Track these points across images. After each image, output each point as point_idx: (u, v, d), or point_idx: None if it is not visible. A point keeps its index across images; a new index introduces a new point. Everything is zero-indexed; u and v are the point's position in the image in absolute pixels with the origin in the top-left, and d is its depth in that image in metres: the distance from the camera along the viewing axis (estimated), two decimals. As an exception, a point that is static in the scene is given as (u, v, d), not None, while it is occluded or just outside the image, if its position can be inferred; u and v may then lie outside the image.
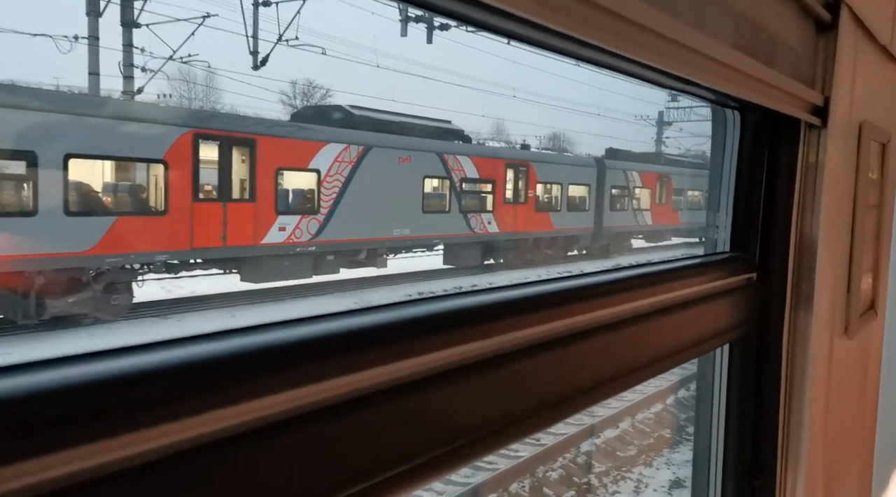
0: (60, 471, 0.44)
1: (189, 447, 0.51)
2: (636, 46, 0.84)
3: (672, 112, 48.22)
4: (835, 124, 1.51)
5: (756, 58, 1.15)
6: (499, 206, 26.60)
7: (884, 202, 2.01)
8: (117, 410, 0.47)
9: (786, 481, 1.57)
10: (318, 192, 19.59)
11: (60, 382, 0.46)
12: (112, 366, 0.49)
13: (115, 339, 13.14)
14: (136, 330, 15.04)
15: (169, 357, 0.52)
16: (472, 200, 25.91)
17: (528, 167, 28.03)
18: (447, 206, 24.37)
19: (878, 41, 1.70)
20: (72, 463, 0.44)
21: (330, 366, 0.61)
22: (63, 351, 0.51)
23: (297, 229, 19.03)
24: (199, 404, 0.52)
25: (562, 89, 54.06)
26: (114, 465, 0.46)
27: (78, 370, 0.48)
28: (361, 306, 0.72)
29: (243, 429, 0.54)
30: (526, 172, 28.01)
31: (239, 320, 14.84)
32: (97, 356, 0.50)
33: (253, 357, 0.57)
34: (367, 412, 0.65)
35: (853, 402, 2.01)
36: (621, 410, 11.55)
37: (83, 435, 0.45)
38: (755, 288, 1.52)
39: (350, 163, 20.29)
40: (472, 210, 25.59)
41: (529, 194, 28.32)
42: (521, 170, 27.79)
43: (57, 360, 0.48)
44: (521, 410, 0.84)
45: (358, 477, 0.64)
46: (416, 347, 0.69)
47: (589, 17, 0.74)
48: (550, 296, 0.92)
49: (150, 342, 0.54)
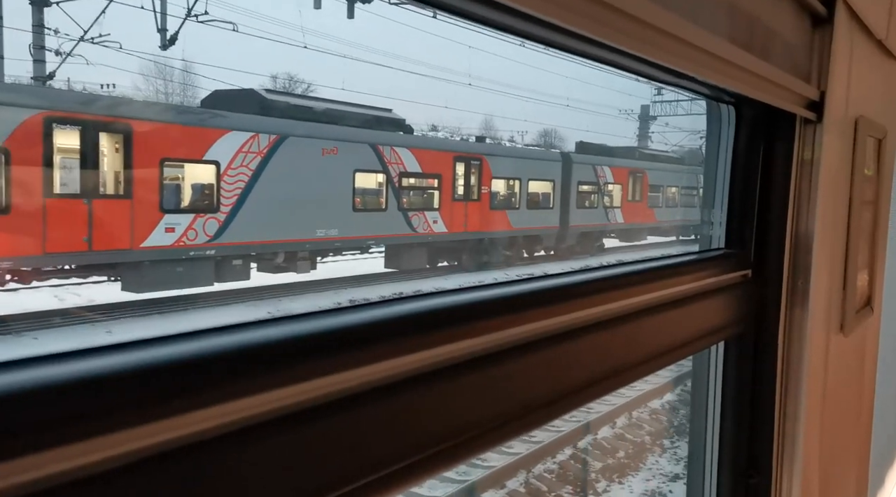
0: (35, 474, 0.43)
1: (171, 448, 0.50)
2: (630, 39, 0.83)
3: (657, 106, 46.83)
4: (830, 119, 1.52)
5: (751, 52, 1.15)
6: (446, 204, 24.18)
7: (880, 198, 2.02)
8: (96, 412, 0.46)
9: (781, 478, 1.58)
10: (218, 186, 17.05)
11: (33, 383, 0.44)
12: (90, 366, 0.48)
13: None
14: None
15: (149, 356, 0.51)
16: (414, 197, 23.51)
17: (481, 161, 25.62)
18: (383, 204, 21.92)
19: (874, 36, 1.72)
20: (47, 466, 0.43)
21: (315, 365, 0.61)
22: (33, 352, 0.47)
23: (189, 230, 16.50)
24: (181, 405, 0.51)
25: (539, 81, 51.95)
26: (93, 468, 0.45)
27: (53, 371, 0.46)
28: (347, 304, 0.71)
29: (226, 430, 0.54)
30: (479, 167, 25.60)
31: (113, 337, 12.58)
32: (74, 356, 0.48)
33: (236, 357, 0.56)
34: (354, 412, 0.64)
35: (849, 398, 2.02)
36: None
37: (61, 437, 0.44)
38: (751, 285, 1.53)
39: (259, 154, 17.76)
40: (415, 208, 23.18)
41: (483, 191, 25.95)
42: (474, 164, 25.38)
43: (31, 359, 0.47)
44: (512, 410, 0.83)
45: (345, 478, 0.63)
46: (403, 346, 0.68)
47: (582, 9, 0.74)
48: (541, 293, 0.91)
49: (130, 341, 0.53)
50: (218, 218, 17.05)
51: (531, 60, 35.76)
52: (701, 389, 1.60)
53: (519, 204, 27.73)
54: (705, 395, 1.58)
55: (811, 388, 1.56)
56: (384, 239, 22.34)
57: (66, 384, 0.45)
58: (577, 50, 0.86)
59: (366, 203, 21.54)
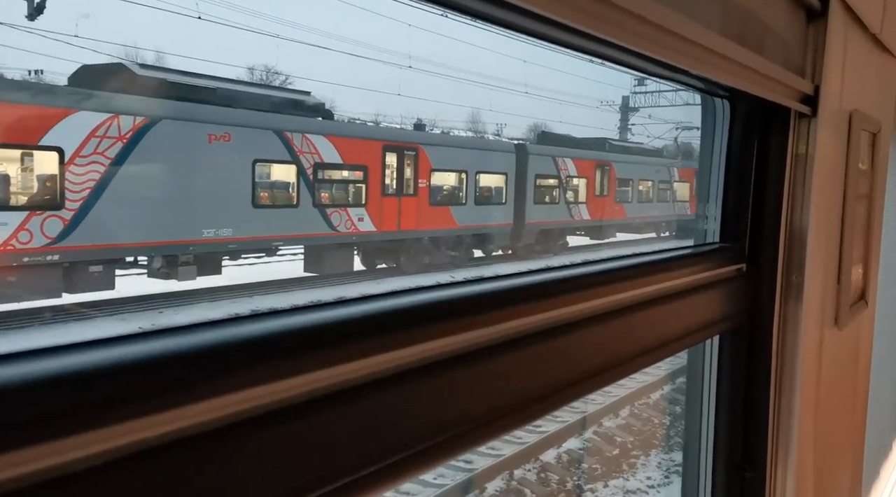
0: (29, 468, 0.43)
1: (168, 441, 0.50)
2: (624, 33, 0.83)
3: (639, 97, 44.54)
4: (825, 114, 1.52)
5: (746, 46, 1.15)
6: (374, 199, 21.35)
7: (874, 192, 2.02)
8: (91, 406, 0.46)
9: (776, 472, 1.58)
10: (62, 178, 14.09)
11: (26, 378, 0.44)
12: (85, 359, 0.48)
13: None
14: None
15: (141, 350, 0.51)
16: (336, 192, 20.67)
17: (417, 151, 22.79)
18: (294, 200, 19.05)
19: (868, 30, 1.72)
20: (41, 460, 0.43)
21: (313, 358, 0.60)
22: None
23: (21, 230, 13.56)
24: (174, 399, 0.51)
25: (502, 68, 48.39)
26: (87, 461, 0.46)
27: (46, 365, 0.46)
28: (341, 299, 0.70)
29: (224, 422, 0.54)
30: (415, 158, 22.79)
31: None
32: (71, 350, 0.48)
33: (232, 350, 0.56)
34: (349, 406, 0.64)
35: (844, 392, 2.02)
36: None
37: (55, 431, 0.44)
38: (745, 279, 1.53)
39: (121, 139, 14.82)
40: (335, 204, 20.34)
41: (421, 184, 23.14)
42: (408, 154, 22.55)
43: (25, 353, 0.46)
44: (508, 403, 0.83)
45: (341, 471, 0.63)
46: (399, 340, 0.68)
47: (577, 4, 0.73)
48: (537, 287, 0.91)
49: (126, 335, 0.52)
50: (62, 216, 14.09)
51: (494, 45, 33.09)
52: (696, 383, 1.60)
53: (466, 199, 24.97)
54: (700, 389, 1.58)
55: (806, 381, 1.56)
56: (295, 239, 19.48)
57: (61, 378, 0.45)
58: (570, 44, 0.86)
59: (271, 198, 18.68)
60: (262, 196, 18.20)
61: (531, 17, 0.72)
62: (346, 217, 20.57)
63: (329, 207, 20.04)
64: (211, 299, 17.10)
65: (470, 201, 25.13)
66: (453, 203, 24.54)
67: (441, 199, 24.19)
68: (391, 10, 36.76)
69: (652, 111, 44.32)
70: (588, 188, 30.93)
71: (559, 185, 29.35)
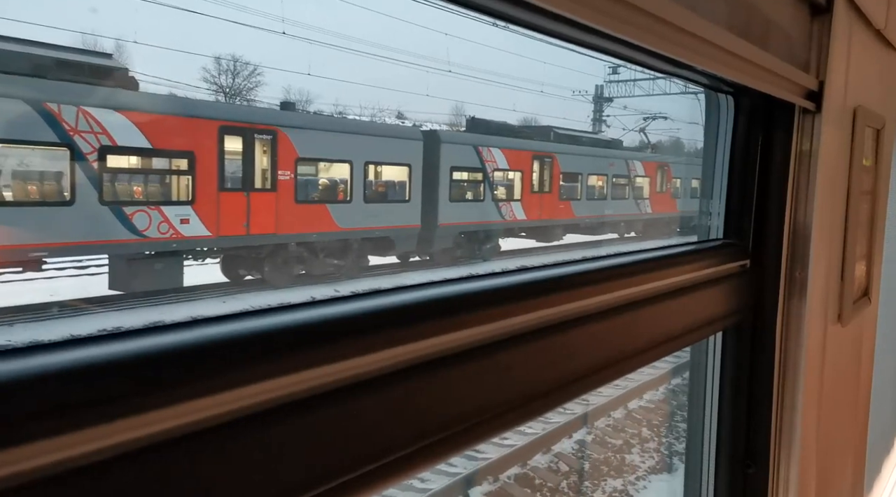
0: (29, 464, 0.43)
1: (170, 438, 0.50)
2: (628, 28, 0.82)
3: (613, 86, 39.94)
4: (829, 109, 1.51)
5: (750, 41, 1.15)
6: (206, 195, 16.59)
7: (878, 189, 2.00)
8: (91, 401, 0.46)
9: (779, 469, 1.58)
10: None
11: (27, 373, 0.44)
12: (87, 354, 0.48)
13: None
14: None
15: (140, 346, 0.51)
16: (151, 186, 15.91)
17: (275, 135, 18.00)
18: (67, 196, 14.25)
19: (872, 25, 1.71)
20: (42, 456, 0.43)
21: (316, 354, 0.60)
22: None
23: None
24: (179, 394, 0.50)
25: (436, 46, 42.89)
26: (89, 457, 0.45)
27: (47, 360, 0.46)
28: (346, 294, 0.70)
29: (225, 419, 0.53)
30: (271, 143, 18.01)
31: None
32: (70, 345, 0.48)
33: (235, 346, 0.55)
34: (354, 401, 0.64)
35: (847, 389, 2.01)
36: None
37: (56, 426, 0.44)
38: (749, 275, 1.52)
39: None
40: (144, 202, 15.57)
41: (282, 177, 18.37)
42: (261, 139, 17.78)
43: (25, 348, 0.46)
44: (512, 399, 0.83)
45: (342, 469, 0.63)
46: (403, 336, 0.68)
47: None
48: (541, 283, 0.90)
49: (126, 330, 0.52)
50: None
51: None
52: (699, 379, 1.59)
53: (350, 196, 20.21)
54: (703, 385, 1.58)
55: (809, 378, 1.55)
56: (73, 248, 14.67)
57: (62, 373, 0.45)
58: (573, 38, 0.86)
59: (36, 193, 13.90)
60: (14, 190, 13.42)
61: (533, 10, 0.72)
62: (160, 218, 15.79)
63: (128, 206, 15.25)
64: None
65: (357, 198, 20.39)
66: (332, 200, 19.78)
67: (313, 195, 19.43)
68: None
69: (627, 101, 39.95)
70: (524, 183, 26.22)
71: (484, 179, 24.62)
